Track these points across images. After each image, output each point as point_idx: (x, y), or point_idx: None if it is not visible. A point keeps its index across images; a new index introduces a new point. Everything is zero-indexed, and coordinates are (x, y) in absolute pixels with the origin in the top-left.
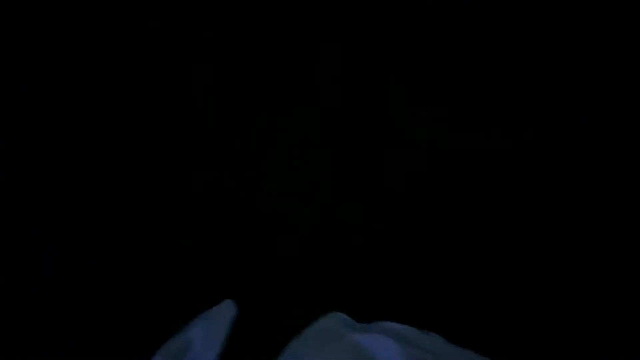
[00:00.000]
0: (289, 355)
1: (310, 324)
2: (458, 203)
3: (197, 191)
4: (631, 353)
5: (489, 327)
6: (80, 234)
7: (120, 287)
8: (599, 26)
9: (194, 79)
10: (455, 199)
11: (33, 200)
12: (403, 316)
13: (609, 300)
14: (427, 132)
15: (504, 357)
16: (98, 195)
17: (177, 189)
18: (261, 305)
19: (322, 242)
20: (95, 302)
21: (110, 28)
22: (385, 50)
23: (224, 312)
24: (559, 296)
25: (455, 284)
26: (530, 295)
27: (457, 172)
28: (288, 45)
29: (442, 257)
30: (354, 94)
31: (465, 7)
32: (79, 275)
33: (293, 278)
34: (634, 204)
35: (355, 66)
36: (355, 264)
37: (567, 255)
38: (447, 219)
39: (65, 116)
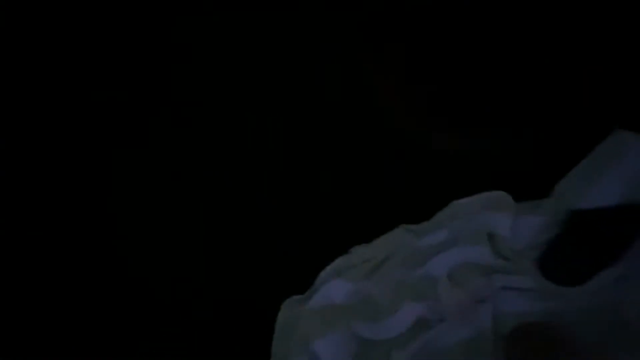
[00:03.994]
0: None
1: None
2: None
3: (194, 191)
4: None
5: None
6: (77, 237)
7: (117, 289)
8: (599, 26)
9: (194, 80)
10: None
11: (32, 201)
12: None
13: None
14: (427, 133)
15: None
16: (94, 195)
17: (174, 188)
18: (260, 307)
19: (321, 244)
20: (92, 303)
21: (110, 28)
22: (385, 50)
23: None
24: None
25: None
26: None
27: (458, 173)
28: (288, 46)
29: None
30: (354, 94)
31: (466, 7)
32: (77, 277)
33: (292, 280)
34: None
35: (355, 66)
36: None
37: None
38: None
39: (64, 116)
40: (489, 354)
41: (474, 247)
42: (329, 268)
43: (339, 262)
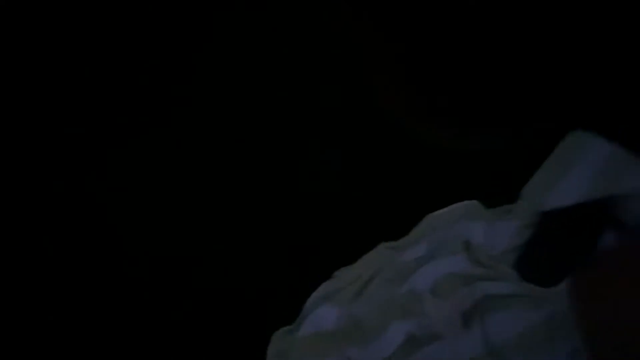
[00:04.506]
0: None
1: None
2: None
3: (199, 191)
4: None
5: None
6: (76, 236)
7: (117, 287)
8: (599, 26)
9: (195, 80)
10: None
11: (31, 201)
12: None
13: None
14: (428, 132)
15: None
16: (94, 196)
17: (179, 187)
18: (249, 341)
19: (323, 242)
20: (93, 301)
21: (111, 29)
22: (385, 50)
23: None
24: None
25: None
26: None
27: (458, 172)
28: (288, 46)
29: None
30: (354, 94)
31: (467, 7)
32: (76, 277)
33: (278, 310)
34: None
35: (355, 66)
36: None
37: None
38: None
39: (63, 116)
40: None
41: (452, 257)
42: (315, 294)
43: (324, 287)
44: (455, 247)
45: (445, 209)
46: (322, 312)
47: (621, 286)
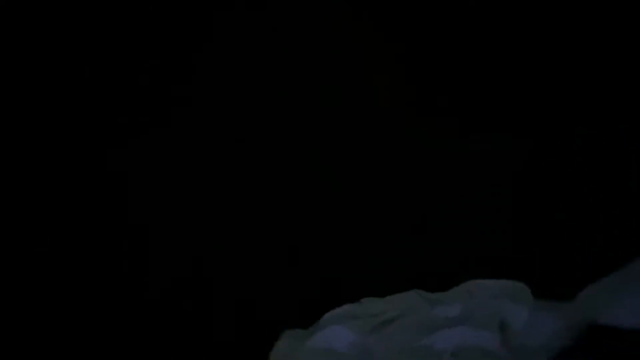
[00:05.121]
0: None
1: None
2: (461, 204)
3: (199, 192)
4: None
5: None
6: (82, 235)
7: (116, 287)
8: (599, 27)
9: (195, 80)
10: (458, 200)
11: (33, 201)
12: None
13: None
14: (427, 132)
15: None
16: (93, 194)
17: (178, 187)
18: (258, 330)
19: (324, 242)
20: (89, 301)
21: (111, 28)
22: (385, 50)
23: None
24: None
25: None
26: None
27: (458, 172)
28: (288, 46)
29: (444, 259)
30: (354, 94)
31: (470, 9)
32: (80, 276)
33: (294, 279)
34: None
35: (355, 66)
36: (357, 267)
37: (570, 258)
38: (450, 221)
39: (63, 116)
40: None
41: (484, 332)
42: (336, 312)
43: (346, 308)
44: (490, 323)
45: (491, 281)
46: (338, 332)
47: None
